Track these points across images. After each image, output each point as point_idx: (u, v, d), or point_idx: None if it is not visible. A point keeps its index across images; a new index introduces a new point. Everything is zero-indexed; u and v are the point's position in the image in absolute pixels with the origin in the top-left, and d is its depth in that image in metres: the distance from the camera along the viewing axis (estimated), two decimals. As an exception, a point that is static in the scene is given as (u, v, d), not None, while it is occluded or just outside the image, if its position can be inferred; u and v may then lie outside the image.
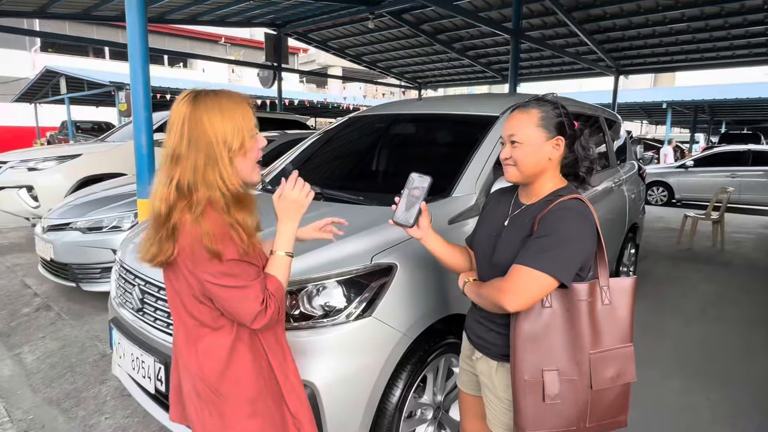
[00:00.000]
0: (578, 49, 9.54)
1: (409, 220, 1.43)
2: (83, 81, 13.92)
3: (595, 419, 1.32)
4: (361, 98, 22.35)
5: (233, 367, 1.17)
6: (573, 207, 1.29)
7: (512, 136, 1.35)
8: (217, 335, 1.16)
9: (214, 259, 1.06)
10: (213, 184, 1.08)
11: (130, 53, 2.99)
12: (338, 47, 11.20)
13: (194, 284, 1.11)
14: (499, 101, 2.78)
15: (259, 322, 1.12)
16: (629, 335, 1.35)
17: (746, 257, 6.20)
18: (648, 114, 22.19)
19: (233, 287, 1.08)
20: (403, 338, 1.73)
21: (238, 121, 1.11)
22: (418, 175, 1.43)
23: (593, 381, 1.30)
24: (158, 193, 1.10)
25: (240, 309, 1.10)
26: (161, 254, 1.09)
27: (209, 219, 1.06)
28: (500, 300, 1.25)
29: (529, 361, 1.27)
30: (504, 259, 1.34)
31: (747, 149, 10.73)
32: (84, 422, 2.50)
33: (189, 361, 1.20)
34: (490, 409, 1.47)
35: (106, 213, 3.89)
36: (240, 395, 1.18)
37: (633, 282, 1.37)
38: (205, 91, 1.14)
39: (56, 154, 5.90)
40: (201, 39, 30.64)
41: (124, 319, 2.02)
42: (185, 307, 1.16)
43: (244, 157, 1.14)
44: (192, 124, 1.09)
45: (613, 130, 4.08)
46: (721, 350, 3.42)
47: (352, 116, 3.36)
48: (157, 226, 1.10)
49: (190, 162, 1.08)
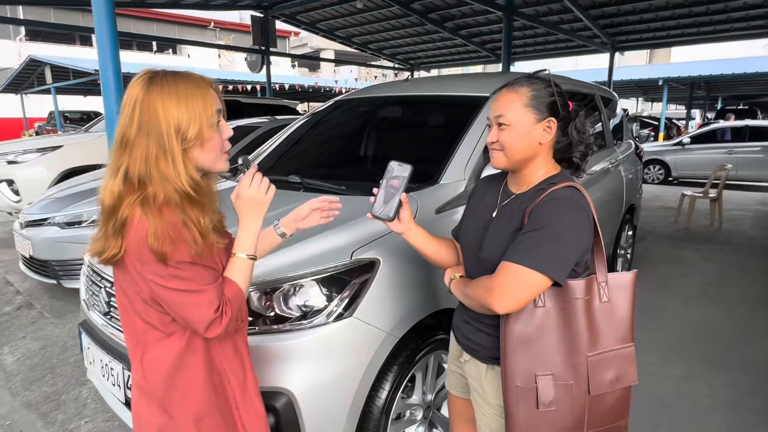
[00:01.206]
0: (573, 26, 9.31)
1: (389, 213, 1.29)
2: (68, 70, 13.61)
3: (593, 426, 1.22)
4: (353, 81, 21.98)
5: (181, 378, 1.05)
6: (567, 196, 1.16)
7: (499, 117, 1.22)
8: (166, 342, 1.05)
9: (160, 262, 0.95)
10: (166, 176, 0.97)
11: (97, 38, 2.81)
12: (327, 29, 10.92)
13: (142, 285, 0.99)
14: (490, 81, 2.64)
15: (214, 331, 1.00)
16: (630, 335, 1.24)
17: (744, 235, 6.12)
18: (644, 91, 21.99)
19: (184, 291, 0.97)
20: (387, 338, 1.62)
21: (196, 108, 0.99)
22: (398, 164, 1.30)
23: (591, 386, 1.19)
24: (106, 184, 1.01)
25: (192, 315, 0.99)
26: (108, 250, 0.98)
27: (160, 216, 0.95)
28: (488, 301, 1.13)
29: (521, 365, 1.16)
30: (491, 255, 1.22)
31: (744, 125, 10.60)
32: (63, 427, 2.40)
33: (134, 367, 1.09)
34: (479, 415, 1.36)
35: (85, 207, 3.75)
36: (186, 411, 1.06)
37: (633, 277, 1.26)
38: (163, 72, 1.01)
39: (36, 146, 5.72)
40: (190, 24, 30.03)
41: (93, 323, 1.90)
42: (133, 307, 1.05)
43: (202, 147, 1.02)
44: (144, 108, 0.97)
45: (609, 109, 3.94)
46: (722, 333, 3.34)
47: (337, 99, 3.21)
48: (104, 219, 1.00)
49: (141, 150, 0.98)
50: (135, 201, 0.96)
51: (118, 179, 0.99)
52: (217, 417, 1.09)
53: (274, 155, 2.80)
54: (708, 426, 2.35)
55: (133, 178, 0.98)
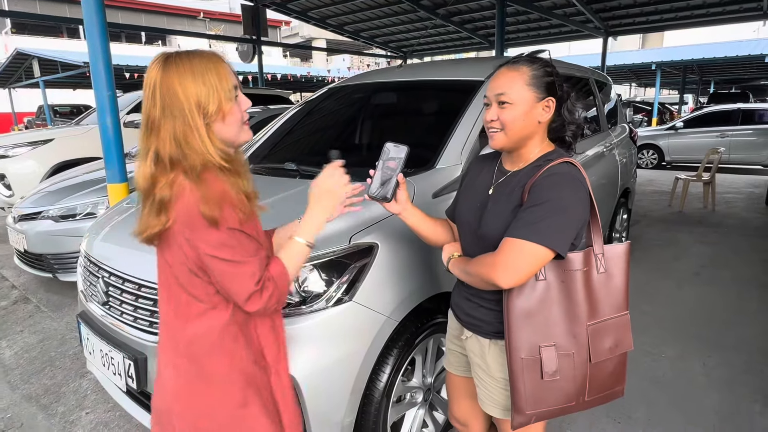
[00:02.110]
0: (566, 11, 9.27)
1: (386, 194, 1.30)
2: (57, 63, 13.41)
3: (594, 392, 1.27)
4: (345, 70, 21.83)
5: (225, 350, 1.07)
6: (565, 171, 1.18)
7: (501, 95, 1.22)
8: (211, 314, 1.06)
9: (212, 227, 0.97)
10: (197, 151, 0.99)
11: (86, 28, 2.77)
12: (319, 17, 10.80)
13: (190, 255, 1.01)
14: (484, 65, 2.63)
15: (254, 304, 1.02)
16: (625, 303, 1.29)
17: (737, 217, 6.18)
18: (637, 76, 21.95)
19: (229, 261, 0.99)
20: (387, 322, 1.63)
21: (213, 83, 1.01)
22: (394, 145, 1.30)
23: (592, 354, 1.23)
24: (138, 168, 1.03)
25: (233, 286, 1.01)
26: (149, 228, 1.01)
27: (205, 184, 0.98)
28: (492, 276, 1.15)
29: (524, 338, 1.19)
30: (492, 232, 1.24)
31: (737, 108, 10.63)
32: (64, 418, 2.40)
33: (178, 335, 1.09)
34: (482, 390, 1.38)
35: (79, 199, 3.73)
36: (231, 383, 1.08)
37: (627, 247, 1.30)
38: (176, 53, 1.03)
39: (27, 139, 5.65)
40: (179, 15, 29.63)
41: (92, 314, 1.90)
42: (178, 280, 1.06)
43: (223, 121, 1.03)
44: (163, 90, 0.99)
45: (603, 93, 3.94)
46: (715, 313, 3.39)
47: (331, 87, 3.19)
48: (143, 201, 1.03)
49: (167, 131, 0.99)
50: (173, 179, 0.98)
51: (149, 162, 1.00)
52: (258, 390, 1.11)
53: (268, 144, 2.78)
54: (703, 403, 2.39)
55: (165, 158, 0.99)
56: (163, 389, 1.12)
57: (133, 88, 9.35)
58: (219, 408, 1.08)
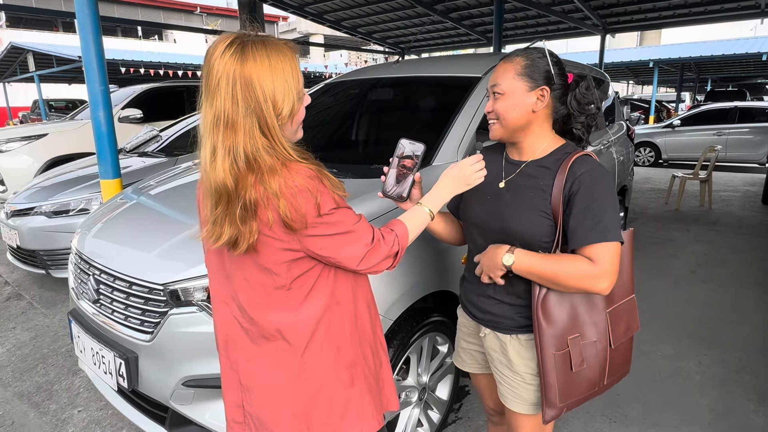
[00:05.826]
0: (564, 8, 9.23)
1: (402, 193, 1.24)
2: (52, 57, 13.30)
3: (611, 376, 1.31)
4: (343, 66, 21.73)
5: (332, 331, 1.08)
6: (595, 165, 1.21)
7: (494, 86, 1.25)
8: (311, 299, 1.05)
9: (317, 217, 0.97)
10: (275, 149, 0.97)
11: (79, 21, 2.73)
12: (316, 12, 10.73)
13: (294, 245, 0.99)
14: (481, 61, 2.60)
15: (370, 260, 1.05)
16: (632, 286, 1.34)
17: (733, 215, 6.19)
18: (634, 74, 21.97)
19: (338, 234, 1.01)
20: (382, 321, 1.61)
21: (288, 81, 0.97)
22: (409, 142, 1.24)
23: (612, 339, 1.27)
24: (219, 165, 0.94)
25: (345, 253, 1.03)
26: (247, 234, 0.95)
27: (294, 176, 0.95)
28: (595, 287, 1.14)
29: (553, 334, 1.21)
30: (519, 226, 1.23)
31: (733, 106, 10.64)
32: (56, 416, 2.38)
33: (272, 317, 1.05)
34: (504, 386, 1.36)
35: (73, 195, 3.69)
36: (338, 360, 1.08)
37: (630, 234, 1.33)
38: (252, 42, 0.96)
39: (21, 134, 5.59)
40: (175, 9, 29.45)
41: (82, 311, 1.88)
42: (270, 273, 1.02)
43: (291, 121, 1.02)
44: (243, 85, 0.93)
45: (601, 90, 3.93)
46: (711, 311, 3.39)
47: (327, 82, 3.16)
48: (224, 204, 0.95)
49: (247, 129, 0.95)
50: (261, 177, 0.94)
51: (232, 159, 0.94)
52: (364, 365, 1.13)
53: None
54: (698, 402, 2.39)
55: (249, 156, 0.94)
56: (254, 385, 1.09)
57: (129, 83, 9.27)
58: (328, 391, 1.07)
